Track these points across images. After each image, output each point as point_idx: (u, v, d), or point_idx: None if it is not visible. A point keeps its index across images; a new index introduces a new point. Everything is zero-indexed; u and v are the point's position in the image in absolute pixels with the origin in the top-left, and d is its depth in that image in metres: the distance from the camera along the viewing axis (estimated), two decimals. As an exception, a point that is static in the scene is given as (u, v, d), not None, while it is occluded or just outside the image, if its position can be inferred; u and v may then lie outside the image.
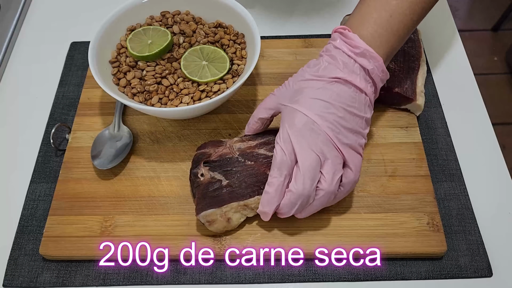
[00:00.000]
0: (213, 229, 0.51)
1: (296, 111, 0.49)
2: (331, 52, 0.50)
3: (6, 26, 0.72)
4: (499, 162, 0.60)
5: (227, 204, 0.50)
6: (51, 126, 0.62)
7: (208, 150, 0.54)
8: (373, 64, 0.49)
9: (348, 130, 0.48)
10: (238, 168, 0.52)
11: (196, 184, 0.52)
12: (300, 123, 0.48)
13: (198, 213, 0.50)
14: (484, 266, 0.52)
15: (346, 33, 0.50)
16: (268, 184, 0.49)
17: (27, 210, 0.56)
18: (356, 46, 0.49)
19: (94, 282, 0.51)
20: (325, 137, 0.47)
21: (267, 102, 0.53)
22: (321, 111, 0.48)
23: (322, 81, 0.49)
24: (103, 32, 0.60)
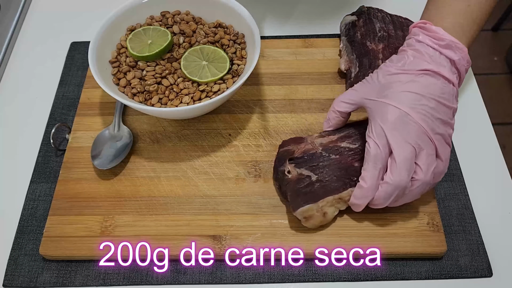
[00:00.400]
0: (309, 224, 0.51)
1: (387, 105, 0.49)
2: (415, 46, 0.51)
3: (6, 26, 0.72)
4: (499, 162, 0.60)
5: (323, 199, 0.50)
6: (51, 126, 0.62)
7: (291, 147, 0.54)
8: (459, 55, 0.49)
9: (440, 120, 0.49)
10: (324, 163, 0.53)
11: (285, 182, 0.52)
12: (393, 117, 0.48)
13: (295, 210, 0.50)
14: (484, 266, 0.52)
15: (428, 27, 0.50)
16: (362, 177, 0.50)
17: (27, 210, 0.56)
18: (441, 39, 0.49)
19: (94, 282, 0.51)
20: (420, 128, 0.48)
21: (347, 96, 0.54)
22: (412, 104, 0.48)
23: (410, 74, 0.49)
24: (103, 32, 0.60)
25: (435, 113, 0.48)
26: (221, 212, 0.54)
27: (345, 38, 0.66)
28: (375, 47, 0.62)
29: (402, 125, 0.48)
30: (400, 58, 0.51)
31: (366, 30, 0.64)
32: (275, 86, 0.65)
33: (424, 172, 0.48)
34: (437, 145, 0.48)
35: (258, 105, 0.63)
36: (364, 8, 0.67)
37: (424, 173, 0.48)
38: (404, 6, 0.73)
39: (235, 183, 0.56)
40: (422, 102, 0.48)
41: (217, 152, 0.59)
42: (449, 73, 0.49)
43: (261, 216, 0.54)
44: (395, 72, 0.50)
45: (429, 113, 0.48)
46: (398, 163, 0.47)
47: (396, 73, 0.50)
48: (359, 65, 0.62)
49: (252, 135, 0.60)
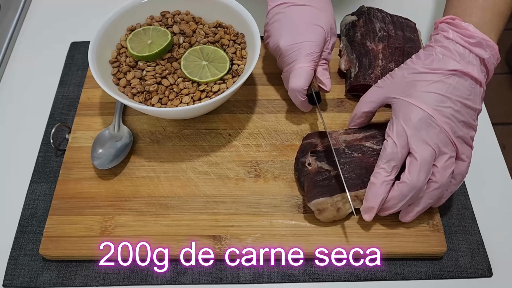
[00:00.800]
0: (322, 218, 0.51)
1: (411, 105, 0.48)
2: (443, 43, 0.49)
3: (6, 26, 0.72)
4: (499, 162, 0.60)
5: (339, 194, 0.50)
6: (51, 126, 0.62)
7: (315, 140, 0.55)
8: (489, 52, 0.48)
9: (463, 123, 0.48)
10: (345, 160, 0.53)
11: (304, 173, 0.53)
12: (416, 118, 0.48)
13: (309, 201, 0.50)
14: (484, 266, 0.52)
15: (458, 23, 0.49)
16: (374, 175, 0.49)
17: (27, 210, 0.56)
18: (471, 36, 0.48)
19: (94, 282, 0.51)
20: (442, 131, 0.47)
21: (371, 95, 0.53)
22: (437, 105, 0.48)
23: (438, 74, 0.48)
24: (103, 32, 0.60)
25: (460, 116, 0.48)
26: (221, 212, 0.54)
27: (345, 38, 0.66)
28: (375, 47, 0.62)
29: (424, 127, 0.47)
30: (427, 55, 0.50)
31: (366, 30, 0.64)
32: (275, 86, 0.65)
33: (441, 175, 0.48)
34: (458, 147, 0.48)
35: (258, 105, 0.63)
36: (364, 8, 0.67)
37: (442, 176, 0.48)
38: (404, 6, 0.73)
39: (235, 183, 0.56)
40: (447, 104, 0.48)
41: (217, 152, 0.59)
42: (478, 73, 0.48)
43: (261, 216, 0.54)
44: (422, 70, 0.49)
45: (454, 116, 0.48)
46: (417, 165, 0.47)
47: (423, 71, 0.49)
48: (359, 65, 0.62)
49: (252, 135, 0.60)
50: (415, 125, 0.48)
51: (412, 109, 0.48)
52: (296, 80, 0.55)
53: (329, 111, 0.62)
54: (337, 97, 0.64)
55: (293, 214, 0.54)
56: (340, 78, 0.66)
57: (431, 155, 0.47)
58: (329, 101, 0.63)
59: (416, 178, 0.47)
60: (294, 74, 0.55)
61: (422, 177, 0.47)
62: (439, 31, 0.51)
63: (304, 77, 0.55)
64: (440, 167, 0.48)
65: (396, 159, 0.48)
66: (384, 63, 0.61)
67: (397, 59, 0.61)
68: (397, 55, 0.62)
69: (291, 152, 0.59)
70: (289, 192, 0.56)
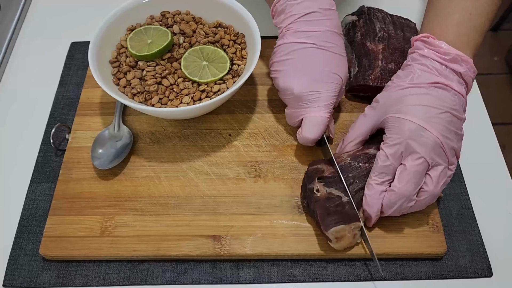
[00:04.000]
0: (338, 246, 0.50)
1: (402, 120, 0.49)
2: (421, 61, 0.51)
3: (6, 26, 0.72)
4: (499, 162, 0.60)
5: (356, 222, 0.50)
6: (51, 126, 0.62)
7: (321, 166, 0.54)
8: (465, 67, 0.50)
9: (453, 133, 0.49)
10: (353, 173, 0.52)
11: (314, 200, 0.51)
12: (408, 130, 0.48)
13: (327, 229, 0.49)
14: (484, 266, 0.52)
15: (431, 41, 0.50)
16: (367, 186, 0.50)
17: (27, 210, 0.56)
18: (446, 53, 0.49)
19: (94, 282, 0.51)
20: (436, 142, 0.48)
21: (360, 124, 0.54)
22: (427, 117, 0.48)
23: (421, 87, 0.49)
24: (103, 32, 0.60)
25: (449, 126, 0.48)
26: (221, 212, 0.54)
27: (345, 38, 0.66)
28: (374, 48, 0.62)
29: (418, 138, 0.48)
30: (407, 73, 0.51)
31: (366, 31, 0.64)
32: (275, 87, 0.65)
33: (434, 185, 0.48)
34: (449, 158, 0.49)
35: (258, 105, 0.63)
36: (364, 8, 0.67)
37: (434, 186, 0.48)
38: (404, 7, 0.73)
39: (235, 183, 0.56)
40: (437, 114, 0.48)
41: (217, 152, 0.59)
42: (457, 86, 0.49)
43: (261, 216, 0.54)
44: (406, 86, 0.50)
45: (444, 126, 0.48)
46: (407, 174, 0.47)
47: (407, 87, 0.50)
48: (359, 65, 0.62)
49: (252, 135, 0.60)
50: (408, 137, 0.48)
51: (404, 123, 0.49)
52: (312, 130, 0.53)
53: (329, 111, 0.62)
54: (337, 97, 0.64)
55: (293, 215, 0.54)
56: (340, 78, 0.66)
57: (423, 167, 0.48)
58: (329, 101, 0.63)
59: (405, 188, 0.48)
60: (310, 123, 0.53)
61: (411, 188, 0.48)
62: (414, 49, 0.52)
63: (321, 128, 0.54)
64: (433, 177, 0.48)
65: (388, 171, 0.49)
66: (384, 63, 0.61)
67: (397, 60, 0.61)
68: (397, 55, 0.62)
69: (291, 152, 0.59)
70: (289, 192, 0.56)
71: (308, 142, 0.55)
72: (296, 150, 0.59)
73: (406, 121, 0.48)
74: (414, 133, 0.48)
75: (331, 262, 0.52)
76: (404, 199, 0.48)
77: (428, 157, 0.48)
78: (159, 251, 0.52)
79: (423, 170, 0.48)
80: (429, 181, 0.48)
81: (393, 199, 0.48)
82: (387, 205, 0.49)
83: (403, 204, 0.49)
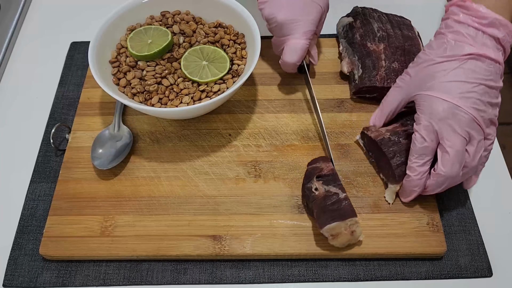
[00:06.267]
0: (337, 243, 0.50)
1: (434, 98, 0.48)
2: (455, 28, 0.49)
3: (6, 26, 0.72)
4: (499, 162, 0.60)
5: (351, 218, 0.49)
6: (51, 126, 0.62)
7: (319, 164, 0.54)
8: (503, 31, 0.48)
9: (487, 104, 0.48)
10: (394, 148, 0.53)
11: (311, 199, 0.51)
12: (441, 110, 0.48)
13: (321, 227, 0.49)
14: (484, 266, 0.52)
15: (468, 5, 0.48)
16: (409, 169, 0.50)
17: (27, 210, 0.56)
18: (483, 17, 0.47)
19: (94, 282, 0.51)
20: (470, 118, 0.47)
21: (392, 97, 0.54)
22: (460, 93, 0.47)
23: (454, 61, 0.48)
24: (103, 32, 0.60)
25: (483, 98, 0.48)
26: (221, 212, 0.54)
27: (344, 40, 0.66)
28: (376, 48, 0.62)
29: (452, 117, 0.47)
30: (440, 43, 0.50)
31: (365, 31, 0.64)
32: (275, 86, 0.65)
33: (472, 159, 0.48)
34: (485, 129, 0.48)
35: (258, 105, 0.63)
36: (358, 9, 0.67)
37: (472, 159, 0.48)
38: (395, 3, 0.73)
39: (235, 183, 0.56)
40: (470, 89, 0.47)
41: (217, 152, 0.59)
42: (494, 53, 0.48)
43: (261, 216, 0.54)
44: (438, 60, 0.49)
45: (478, 99, 0.48)
46: (450, 158, 0.48)
47: (439, 61, 0.49)
48: (362, 66, 0.62)
49: (252, 135, 0.60)
50: (441, 117, 0.48)
51: (436, 102, 0.48)
52: (291, 55, 0.58)
53: (329, 111, 0.62)
54: (337, 97, 0.64)
55: (293, 214, 0.54)
56: (340, 78, 0.66)
57: (461, 144, 0.48)
58: (329, 101, 0.63)
59: (450, 169, 0.48)
60: (290, 48, 0.58)
61: (456, 167, 0.48)
62: (449, 15, 0.50)
63: (299, 54, 0.58)
64: (471, 152, 0.48)
65: (427, 152, 0.49)
66: (388, 63, 0.61)
67: (399, 58, 0.61)
68: (399, 54, 0.62)
69: (291, 152, 0.59)
70: (289, 192, 0.56)
71: (288, 67, 0.60)
72: (296, 150, 0.59)
73: (438, 99, 0.48)
74: (447, 112, 0.47)
75: (331, 262, 0.52)
76: (451, 179, 0.49)
77: (464, 134, 0.47)
78: (159, 251, 0.52)
79: (463, 148, 0.48)
80: (467, 156, 0.48)
81: (441, 181, 0.49)
82: (435, 186, 0.49)
83: (450, 183, 0.49)
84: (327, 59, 0.68)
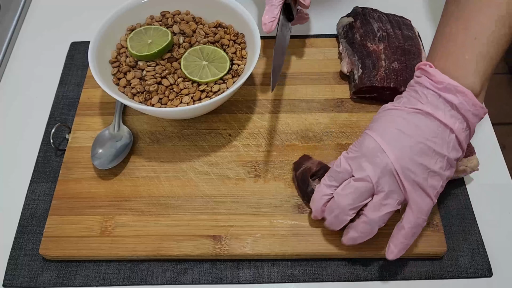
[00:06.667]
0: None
1: (367, 136, 0.47)
2: (414, 87, 0.47)
3: (6, 26, 0.72)
4: (499, 162, 0.60)
5: None
6: (51, 126, 0.62)
7: (306, 165, 0.54)
8: (460, 98, 0.44)
9: (421, 167, 0.44)
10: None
11: None
12: (367, 147, 0.46)
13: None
14: (484, 266, 0.52)
15: (428, 68, 0.47)
16: (317, 185, 0.50)
17: (27, 210, 0.56)
18: (439, 82, 0.45)
19: (94, 282, 0.51)
20: (389, 168, 0.45)
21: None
22: (393, 140, 0.45)
23: (401, 110, 0.47)
24: (103, 32, 0.60)
25: (417, 158, 0.44)
26: (221, 212, 0.54)
27: (344, 41, 0.66)
28: (376, 48, 0.62)
29: (371, 157, 0.46)
30: (399, 97, 0.49)
31: (364, 31, 0.64)
32: (275, 86, 0.65)
33: (370, 211, 0.46)
34: (408, 193, 0.45)
35: (258, 105, 0.63)
36: (358, 9, 0.67)
37: (371, 212, 0.46)
38: (394, 4, 0.73)
39: (235, 183, 0.56)
40: (404, 141, 0.45)
41: (217, 152, 0.59)
42: (445, 117, 0.45)
43: (261, 216, 0.54)
44: (389, 108, 0.48)
45: (409, 156, 0.45)
46: (349, 187, 0.47)
47: (389, 108, 0.48)
48: (362, 66, 0.62)
49: (252, 135, 0.60)
50: (363, 153, 0.46)
51: (366, 139, 0.47)
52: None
53: (329, 111, 0.62)
54: (337, 97, 0.64)
55: (293, 214, 0.54)
56: (340, 78, 0.66)
57: (364, 187, 0.45)
58: (329, 101, 0.63)
59: (341, 198, 0.47)
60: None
61: (348, 200, 0.46)
62: (415, 75, 0.49)
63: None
64: (371, 203, 0.46)
65: (337, 178, 0.48)
66: (388, 63, 0.61)
67: (399, 58, 0.61)
68: (399, 54, 0.62)
69: (291, 152, 0.59)
70: (289, 192, 0.56)
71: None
72: (296, 150, 0.59)
73: (370, 137, 0.47)
74: (370, 150, 0.46)
75: (331, 262, 0.52)
76: (340, 210, 0.47)
77: (374, 179, 0.45)
78: (159, 251, 0.52)
79: (365, 190, 0.45)
80: (370, 203, 0.46)
81: (332, 206, 0.48)
82: (327, 209, 0.49)
83: (339, 215, 0.47)
84: (328, 58, 0.68)
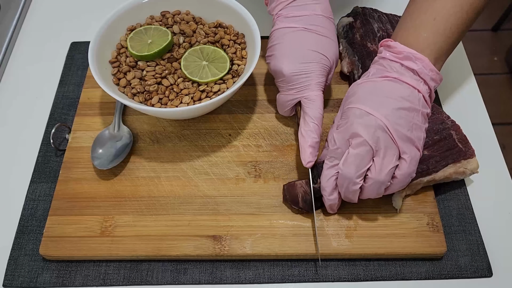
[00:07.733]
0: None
1: (350, 108, 0.50)
2: (379, 61, 0.52)
3: (6, 26, 0.72)
4: (499, 162, 0.60)
5: None
6: (51, 126, 0.62)
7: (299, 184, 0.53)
8: (419, 64, 0.50)
9: (405, 120, 0.49)
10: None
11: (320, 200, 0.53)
12: (354, 115, 0.49)
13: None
14: (484, 266, 0.52)
15: (390, 43, 0.52)
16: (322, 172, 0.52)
17: (27, 210, 0.56)
18: (399, 52, 0.51)
19: (94, 282, 0.51)
20: (379, 124, 0.48)
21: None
22: (375, 104, 0.49)
23: (373, 81, 0.51)
24: (103, 32, 0.60)
25: (399, 113, 0.49)
26: (221, 212, 0.54)
27: (344, 41, 0.66)
28: (376, 48, 0.62)
29: (360, 121, 0.48)
30: (366, 73, 0.53)
31: (365, 31, 0.64)
32: (275, 86, 0.65)
33: (377, 171, 0.48)
34: (400, 146, 0.48)
35: (258, 105, 0.63)
36: (358, 9, 0.67)
37: (377, 172, 0.48)
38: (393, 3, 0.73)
39: (235, 183, 0.56)
40: (385, 102, 0.49)
41: (217, 152, 0.59)
42: (411, 80, 0.50)
43: (261, 216, 0.54)
44: (360, 82, 0.52)
45: (392, 111, 0.48)
46: (349, 157, 0.48)
47: (360, 83, 0.52)
48: (362, 66, 0.62)
49: (252, 135, 0.60)
50: (352, 121, 0.49)
51: (351, 110, 0.50)
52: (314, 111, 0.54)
53: (329, 111, 0.62)
54: (337, 97, 0.64)
55: (293, 214, 0.54)
56: (340, 78, 0.66)
57: (364, 150, 0.48)
58: (329, 101, 0.63)
59: (346, 169, 0.49)
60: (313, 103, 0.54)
61: (352, 169, 0.48)
62: (378, 53, 0.54)
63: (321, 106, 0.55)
64: (376, 163, 0.48)
65: (337, 155, 0.50)
66: (385, 63, 0.61)
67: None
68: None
69: (291, 152, 0.59)
70: (289, 192, 0.56)
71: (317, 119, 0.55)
72: (296, 150, 0.59)
73: (353, 108, 0.50)
74: (359, 117, 0.49)
75: (331, 262, 0.52)
76: (347, 181, 0.49)
77: (370, 140, 0.48)
78: (159, 251, 0.52)
79: (365, 153, 0.48)
80: (372, 167, 0.48)
81: (340, 181, 0.50)
82: (338, 186, 0.50)
83: (348, 186, 0.49)
84: (327, 59, 0.67)
